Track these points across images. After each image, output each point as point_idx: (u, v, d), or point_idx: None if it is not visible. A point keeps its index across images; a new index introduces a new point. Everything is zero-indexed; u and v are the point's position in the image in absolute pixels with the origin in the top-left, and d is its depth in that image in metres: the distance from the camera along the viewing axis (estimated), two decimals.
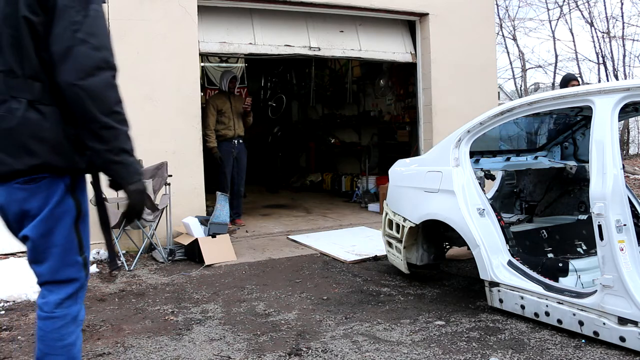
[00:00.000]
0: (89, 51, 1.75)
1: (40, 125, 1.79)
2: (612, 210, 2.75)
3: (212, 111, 6.52)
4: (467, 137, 3.72)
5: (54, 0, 1.75)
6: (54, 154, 1.81)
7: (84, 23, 1.77)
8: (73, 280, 1.93)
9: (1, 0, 1.81)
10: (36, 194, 1.82)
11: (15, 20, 1.78)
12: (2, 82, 1.81)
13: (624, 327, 2.74)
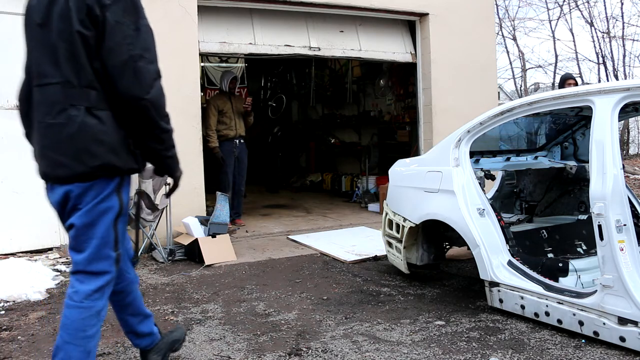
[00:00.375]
0: (147, 66, 1.99)
1: (99, 129, 1.99)
2: (612, 210, 2.75)
3: (213, 111, 6.54)
4: (467, 137, 3.72)
5: (104, 16, 1.92)
6: (112, 154, 2.01)
7: (138, 38, 1.96)
8: (104, 273, 2.10)
9: (55, 16, 1.98)
10: (89, 191, 2.03)
11: (69, 35, 1.96)
12: (60, 93, 1.98)
13: (624, 327, 2.74)
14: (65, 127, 1.98)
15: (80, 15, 1.93)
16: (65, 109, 1.98)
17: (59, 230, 5.15)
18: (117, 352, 2.98)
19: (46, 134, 2.04)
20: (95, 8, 1.93)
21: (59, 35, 1.98)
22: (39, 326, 3.44)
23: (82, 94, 1.99)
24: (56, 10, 1.99)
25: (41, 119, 2.05)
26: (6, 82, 4.97)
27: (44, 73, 2.04)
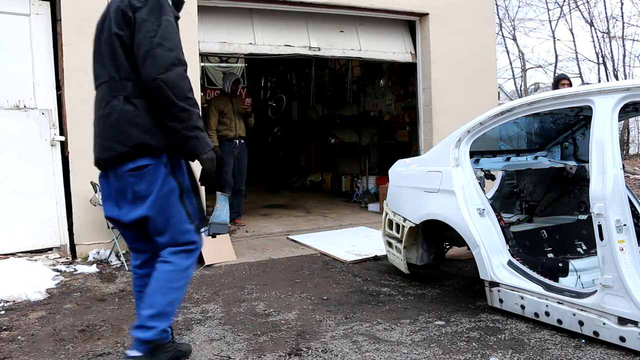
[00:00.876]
0: (164, 52, 2.24)
1: (134, 114, 2.30)
2: (612, 210, 2.75)
3: (213, 112, 6.59)
4: (467, 137, 3.71)
5: (135, 17, 2.25)
6: (146, 134, 2.29)
7: (159, 31, 2.25)
8: (190, 243, 2.42)
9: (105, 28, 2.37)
10: (143, 179, 2.31)
11: (110, 39, 2.31)
12: (107, 88, 2.35)
13: (624, 327, 2.74)
14: (110, 116, 2.32)
15: (117, 20, 2.29)
16: (110, 101, 2.33)
17: (58, 230, 5.15)
18: (117, 352, 2.98)
19: (98, 125, 2.42)
20: (128, 11, 2.28)
21: (105, 41, 2.36)
22: (39, 326, 3.44)
23: (122, 86, 2.31)
24: (107, 21, 2.39)
25: (96, 113, 2.44)
26: (6, 82, 4.98)
27: (98, 75, 2.44)
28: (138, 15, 2.26)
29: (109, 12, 2.37)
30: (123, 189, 2.37)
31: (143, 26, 2.25)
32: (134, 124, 2.30)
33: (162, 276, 2.35)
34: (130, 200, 2.36)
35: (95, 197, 4.93)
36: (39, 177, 5.07)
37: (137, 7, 2.27)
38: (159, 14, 2.28)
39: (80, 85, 5.19)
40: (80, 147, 5.19)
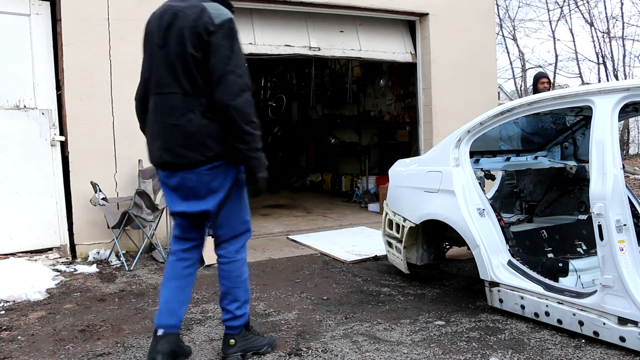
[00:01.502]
0: (236, 79, 2.46)
1: (211, 127, 2.53)
2: (612, 210, 2.75)
3: None
4: (467, 137, 3.71)
5: (210, 41, 2.45)
6: (221, 146, 2.55)
7: (232, 57, 2.47)
8: (246, 232, 2.78)
9: (172, 40, 2.52)
10: (217, 177, 2.60)
11: (184, 56, 2.49)
12: (181, 100, 2.52)
13: (624, 327, 2.74)
14: (186, 126, 2.52)
15: (193, 40, 2.46)
16: (185, 113, 2.53)
17: (58, 230, 5.15)
18: (117, 352, 2.98)
19: (171, 132, 2.56)
20: (204, 35, 2.45)
21: (176, 55, 2.51)
22: (39, 326, 3.44)
23: (198, 102, 2.52)
24: (173, 35, 2.52)
25: (163, 120, 2.58)
26: (6, 82, 4.97)
27: (165, 84, 2.57)
28: (213, 40, 2.45)
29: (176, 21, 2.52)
30: (195, 186, 2.61)
31: (218, 51, 2.46)
32: (211, 136, 2.54)
33: (235, 273, 2.73)
34: (201, 195, 2.62)
35: (95, 197, 4.93)
36: (39, 177, 5.07)
37: (212, 31, 2.46)
38: (232, 40, 2.49)
39: (80, 85, 5.20)
40: (80, 147, 5.19)
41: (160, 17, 2.60)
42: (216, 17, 2.48)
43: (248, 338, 2.83)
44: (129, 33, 5.39)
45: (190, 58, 2.49)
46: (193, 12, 2.49)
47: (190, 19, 2.48)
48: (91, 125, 5.25)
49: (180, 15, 2.52)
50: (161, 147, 2.61)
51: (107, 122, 5.32)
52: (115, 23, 5.32)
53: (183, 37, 2.49)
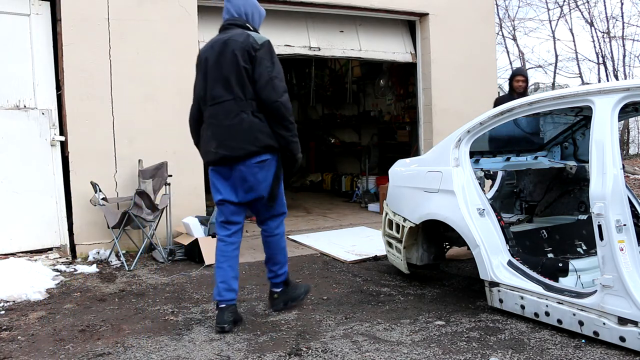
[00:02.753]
0: (279, 82, 3.21)
1: (260, 124, 3.22)
2: (612, 210, 2.75)
3: None
4: (467, 137, 3.71)
5: (256, 56, 3.18)
6: (269, 138, 3.24)
7: (274, 68, 3.22)
8: (284, 214, 3.52)
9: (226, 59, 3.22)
10: (263, 169, 3.26)
11: (238, 69, 3.20)
12: (234, 105, 3.21)
13: (623, 327, 2.74)
14: (240, 125, 3.20)
15: (244, 56, 3.19)
16: (238, 114, 3.20)
17: (58, 230, 5.15)
18: (117, 352, 2.98)
19: (227, 131, 3.23)
20: (251, 51, 3.19)
21: (229, 71, 3.21)
22: (39, 326, 3.44)
23: (248, 104, 3.21)
24: (226, 57, 3.23)
25: (219, 123, 3.25)
26: (6, 82, 4.98)
27: (219, 95, 3.25)
28: (258, 55, 3.19)
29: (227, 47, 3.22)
30: (245, 177, 3.26)
31: (263, 63, 3.18)
32: (261, 131, 3.22)
33: (275, 243, 3.52)
34: (251, 184, 3.27)
35: (95, 197, 4.93)
36: (39, 177, 5.08)
37: (257, 48, 3.19)
38: (271, 56, 3.24)
39: (80, 85, 5.20)
40: (80, 147, 5.20)
41: (212, 46, 3.34)
42: (258, 39, 3.23)
43: (287, 292, 3.63)
44: (129, 33, 5.40)
45: (242, 70, 3.19)
46: (240, 37, 3.23)
47: (239, 41, 3.22)
48: (91, 125, 5.25)
49: (230, 41, 3.24)
50: (217, 145, 3.25)
51: (107, 122, 5.33)
52: (116, 23, 5.32)
53: (235, 56, 3.19)
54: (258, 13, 3.46)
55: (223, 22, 3.40)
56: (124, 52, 5.37)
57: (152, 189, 5.22)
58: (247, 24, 3.37)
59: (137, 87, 5.44)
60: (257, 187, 3.28)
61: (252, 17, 3.41)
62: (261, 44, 3.22)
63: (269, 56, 3.21)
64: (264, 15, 3.52)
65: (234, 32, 3.28)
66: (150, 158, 5.40)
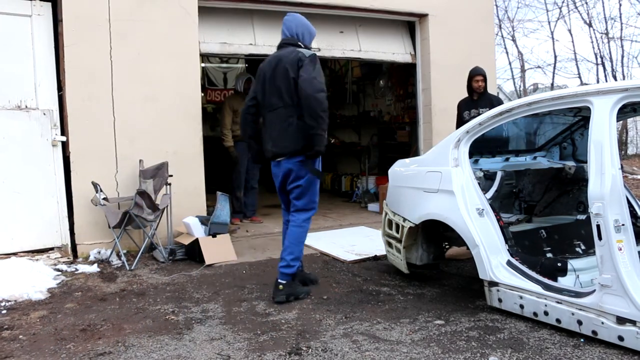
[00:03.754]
0: (317, 83, 3.67)
1: (303, 127, 3.72)
2: (611, 210, 2.76)
3: (228, 111, 6.79)
4: (467, 137, 3.73)
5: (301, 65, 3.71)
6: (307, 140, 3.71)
7: (314, 72, 3.69)
8: (312, 209, 3.98)
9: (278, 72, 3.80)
10: (303, 167, 3.82)
11: (288, 80, 3.76)
12: (284, 110, 3.80)
13: (622, 327, 2.76)
14: (289, 127, 3.79)
15: (293, 69, 3.73)
16: (287, 119, 3.79)
17: (60, 230, 5.16)
18: (118, 352, 3.00)
19: (279, 133, 3.82)
20: (299, 63, 3.72)
21: (281, 82, 3.79)
22: (41, 325, 3.45)
23: (295, 110, 3.76)
24: (279, 70, 3.81)
25: (274, 127, 3.86)
26: (8, 82, 4.99)
27: (274, 103, 3.85)
28: (303, 64, 3.71)
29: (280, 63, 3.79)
30: (289, 171, 3.85)
31: (305, 69, 3.69)
32: (304, 134, 3.73)
33: (297, 235, 3.88)
34: (293, 177, 3.86)
35: (96, 196, 4.95)
36: (40, 177, 5.09)
37: (303, 60, 3.73)
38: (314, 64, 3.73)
39: (81, 85, 5.21)
40: (81, 147, 5.21)
41: (269, 62, 3.92)
42: (306, 53, 3.77)
43: (292, 286, 3.87)
44: (129, 34, 5.41)
45: (291, 80, 3.74)
46: (291, 54, 3.79)
47: (290, 57, 3.78)
48: (92, 126, 5.26)
49: (282, 57, 3.82)
50: (272, 144, 3.87)
51: (108, 123, 5.34)
52: (117, 24, 5.33)
53: (286, 70, 3.75)
54: (309, 33, 4.02)
55: (280, 42, 4.00)
56: (125, 53, 5.39)
57: (153, 189, 5.23)
58: (299, 42, 3.93)
59: (138, 88, 5.45)
60: (296, 180, 3.84)
61: (303, 37, 3.98)
62: (307, 57, 3.75)
63: (312, 64, 3.72)
64: (314, 34, 4.08)
65: (286, 49, 3.86)
66: (151, 158, 5.41)
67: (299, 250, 3.89)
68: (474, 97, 6.07)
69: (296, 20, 4.01)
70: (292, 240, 3.87)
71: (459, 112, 6.16)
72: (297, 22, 4.00)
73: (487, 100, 6.07)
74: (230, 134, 6.76)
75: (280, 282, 3.83)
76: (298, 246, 3.88)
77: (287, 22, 4.00)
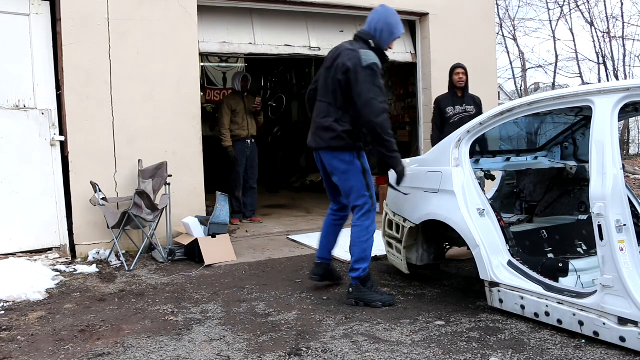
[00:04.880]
0: (377, 104, 3.46)
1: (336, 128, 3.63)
2: (612, 210, 2.75)
3: (226, 111, 6.77)
4: (467, 137, 3.71)
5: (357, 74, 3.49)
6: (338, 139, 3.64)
7: (373, 89, 3.47)
8: (364, 205, 3.72)
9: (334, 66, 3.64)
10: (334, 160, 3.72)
11: (335, 79, 3.62)
12: (327, 107, 3.70)
13: (624, 327, 2.74)
14: (324, 124, 3.69)
15: (342, 70, 3.56)
16: (326, 116, 3.69)
17: (58, 230, 5.15)
18: (117, 352, 2.98)
19: (317, 127, 3.76)
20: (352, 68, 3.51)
21: (331, 78, 3.65)
22: (39, 326, 3.44)
23: (335, 111, 3.65)
24: (334, 65, 3.65)
25: (316, 118, 3.79)
26: (6, 82, 4.97)
27: (323, 94, 3.75)
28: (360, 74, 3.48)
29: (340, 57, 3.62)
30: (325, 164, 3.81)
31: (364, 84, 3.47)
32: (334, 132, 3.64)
33: (355, 235, 3.75)
34: (330, 170, 3.80)
35: (95, 197, 4.93)
36: (38, 177, 5.07)
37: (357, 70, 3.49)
38: (374, 78, 3.49)
39: (80, 85, 5.20)
40: (80, 147, 5.19)
41: (335, 50, 3.76)
42: (365, 60, 3.50)
43: (362, 291, 3.71)
44: (128, 33, 5.40)
45: (337, 82, 3.59)
46: (351, 53, 3.56)
47: (346, 57, 3.57)
48: (91, 125, 5.25)
49: (343, 53, 3.63)
50: (311, 135, 3.84)
51: (107, 122, 5.32)
52: (115, 23, 5.32)
53: (337, 68, 3.59)
54: (389, 32, 3.68)
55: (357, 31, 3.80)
56: (124, 52, 5.37)
57: (152, 189, 5.21)
58: (371, 39, 3.65)
59: (137, 87, 5.44)
60: (333, 174, 3.80)
61: (381, 34, 3.66)
62: (366, 66, 3.48)
63: (371, 78, 3.47)
64: (397, 35, 3.72)
65: (353, 45, 3.66)
66: (150, 158, 5.40)
67: (359, 251, 3.71)
68: (457, 93, 6.07)
69: (380, 14, 3.69)
70: (353, 241, 3.77)
71: (440, 108, 6.11)
72: (381, 16, 3.68)
73: (470, 97, 6.09)
74: (228, 133, 6.74)
75: (351, 284, 3.76)
76: (359, 247, 3.71)
77: (372, 14, 3.71)
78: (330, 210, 4.16)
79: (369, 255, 3.74)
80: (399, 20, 3.71)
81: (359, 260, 3.71)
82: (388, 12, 3.68)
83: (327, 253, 4.13)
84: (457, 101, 6.05)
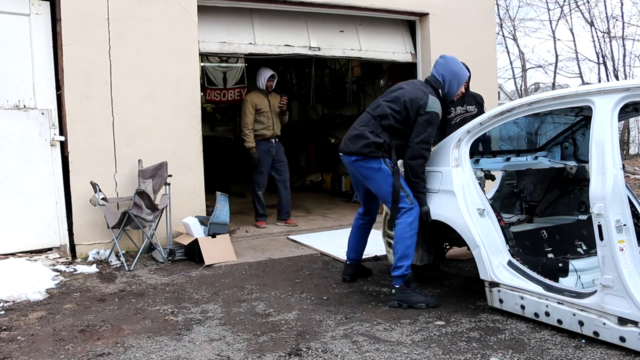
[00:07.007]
0: (419, 149, 3.72)
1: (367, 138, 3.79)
2: (612, 210, 2.75)
3: (250, 110, 6.43)
4: (467, 137, 3.71)
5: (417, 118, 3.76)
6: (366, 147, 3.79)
7: (424, 134, 3.72)
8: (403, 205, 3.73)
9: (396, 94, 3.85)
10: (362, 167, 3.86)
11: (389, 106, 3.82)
12: (368, 119, 3.87)
13: (624, 327, 2.74)
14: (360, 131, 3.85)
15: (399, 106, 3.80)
16: (364, 125, 3.87)
17: (58, 230, 5.15)
18: (117, 352, 2.98)
19: (352, 133, 3.91)
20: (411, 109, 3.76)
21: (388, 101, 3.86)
22: (39, 326, 3.44)
23: (372, 123, 3.84)
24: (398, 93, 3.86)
25: (354, 125, 3.96)
26: (6, 82, 4.97)
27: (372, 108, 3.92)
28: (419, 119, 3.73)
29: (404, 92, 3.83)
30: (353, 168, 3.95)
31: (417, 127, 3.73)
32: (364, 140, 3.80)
33: (398, 232, 3.73)
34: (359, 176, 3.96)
35: (95, 197, 4.93)
36: (38, 177, 5.07)
37: (421, 113, 3.73)
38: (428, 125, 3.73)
39: (80, 85, 5.20)
40: (80, 147, 5.19)
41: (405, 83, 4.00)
42: (430, 106, 3.73)
43: (406, 292, 3.66)
44: (128, 33, 5.39)
45: (389, 109, 3.81)
46: (421, 93, 3.77)
47: (416, 94, 3.77)
48: (91, 125, 5.25)
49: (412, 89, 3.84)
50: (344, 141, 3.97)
51: (107, 122, 5.32)
52: (115, 23, 5.31)
53: (397, 99, 3.80)
54: (457, 82, 3.93)
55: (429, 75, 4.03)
56: (124, 52, 5.37)
57: (152, 189, 5.21)
58: (440, 88, 3.89)
59: (137, 87, 5.43)
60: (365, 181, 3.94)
61: (450, 84, 3.91)
62: (426, 111, 3.72)
63: (426, 124, 3.71)
64: (463, 82, 4.01)
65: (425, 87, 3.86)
66: (150, 158, 5.39)
67: (403, 248, 3.68)
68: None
69: (448, 64, 3.93)
70: (396, 238, 3.75)
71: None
72: (448, 67, 3.92)
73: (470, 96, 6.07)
74: (252, 134, 6.41)
75: (393, 285, 3.72)
76: (402, 244, 3.69)
77: (440, 62, 3.95)
78: (358, 214, 4.39)
79: (411, 253, 3.72)
80: (461, 65, 3.99)
81: (402, 257, 3.69)
82: (452, 63, 3.93)
83: (357, 254, 4.33)
84: (457, 102, 6.04)
